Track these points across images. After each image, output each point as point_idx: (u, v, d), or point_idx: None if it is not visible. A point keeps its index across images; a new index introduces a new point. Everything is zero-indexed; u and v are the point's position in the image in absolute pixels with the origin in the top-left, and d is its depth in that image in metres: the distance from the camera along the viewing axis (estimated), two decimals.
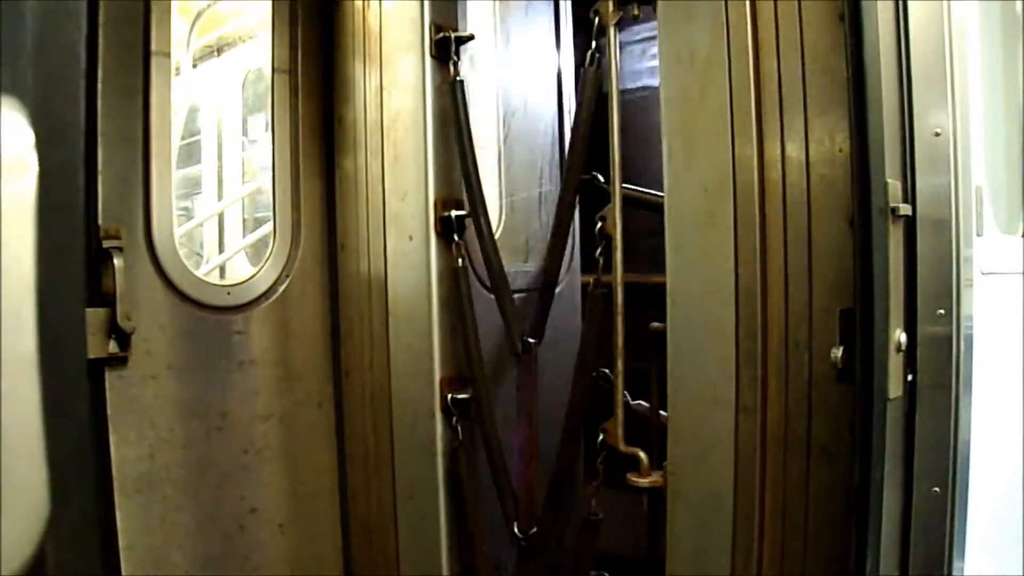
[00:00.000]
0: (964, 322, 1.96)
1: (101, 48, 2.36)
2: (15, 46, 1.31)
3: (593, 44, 2.54)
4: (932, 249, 1.93)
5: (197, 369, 2.76)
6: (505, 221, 3.24)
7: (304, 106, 3.05)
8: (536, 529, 2.80)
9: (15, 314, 1.02)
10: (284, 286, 3.01)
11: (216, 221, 5.97)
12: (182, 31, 5.52)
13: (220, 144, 5.93)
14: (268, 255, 3.06)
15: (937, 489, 1.93)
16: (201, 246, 6.04)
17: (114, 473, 2.47)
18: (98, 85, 2.38)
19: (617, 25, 2.50)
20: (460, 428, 2.78)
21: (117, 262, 2.34)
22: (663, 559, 2.30)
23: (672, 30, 2.25)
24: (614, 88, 2.49)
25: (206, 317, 2.79)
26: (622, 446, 2.53)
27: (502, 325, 2.87)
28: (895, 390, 1.88)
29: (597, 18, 2.52)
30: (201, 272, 3.71)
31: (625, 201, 2.52)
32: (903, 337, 1.88)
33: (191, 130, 6.04)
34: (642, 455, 2.49)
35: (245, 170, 6.00)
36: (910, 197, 1.92)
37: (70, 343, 1.58)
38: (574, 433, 2.74)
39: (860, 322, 1.91)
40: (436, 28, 2.76)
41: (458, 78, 2.76)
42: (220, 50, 5.91)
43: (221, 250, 5.85)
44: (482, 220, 2.77)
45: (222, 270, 5.66)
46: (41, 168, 1.04)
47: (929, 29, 1.96)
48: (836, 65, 2.01)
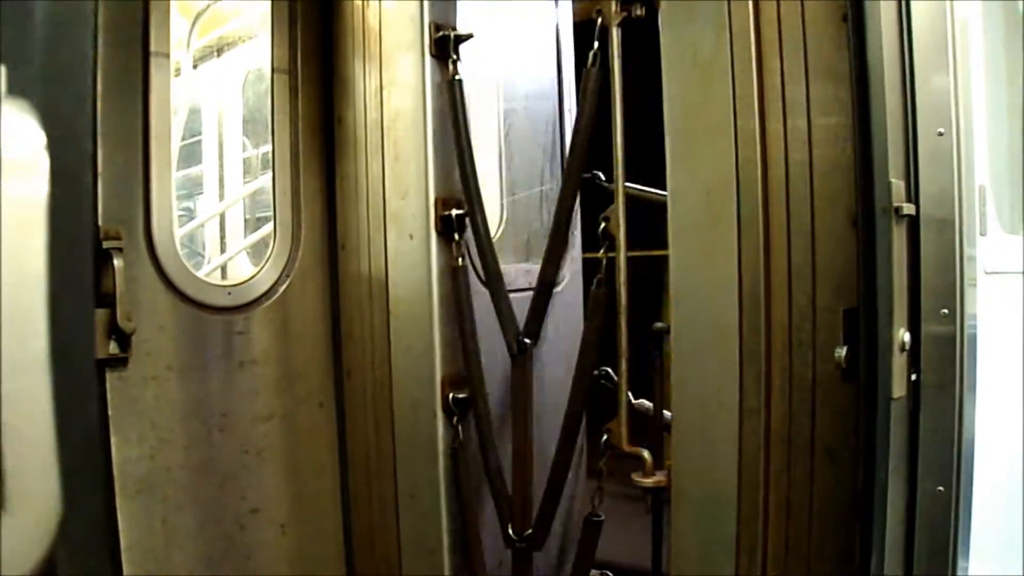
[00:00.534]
0: (968, 321, 1.95)
1: (101, 49, 2.33)
2: (24, 49, 1.31)
3: (596, 44, 2.53)
4: (936, 249, 1.93)
5: (198, 369, 2.76)
6: (506, 219, 3.24)
7: (304, 106, 3.05)
8: (531, 531, 2.79)
9: (28, 316, 1.02)
10: (285, 286, 3.01)
11: (218, 221, 5.97)
12: (182, 31, 5.50)
13: (221, 144, 5.92)
14: (268, 255, 3.05)
15: (941, 488, 1.93)
16: (203, 246, 6.04)
17: (115, 474, 2.45)
18: (98, 86, 2.34)
19: (620, 25, 2.49)
20: (461, 427, 2.78)
21: (117, 263, 2.33)
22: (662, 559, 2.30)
23: (675, 30, 2.25)
24: (617, 88, 2.49)
25: (207, 317, 2.78)
26: (626, 446, 2.52)
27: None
28: (899, 390, 1.88)
29: (600, 18, 2.51)
30: (203, 272, 3.70)
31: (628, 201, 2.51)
32: (907, 337, 1.88)
33: (192, 130, 6.03)
34: (646, 455, 2.49)
35: (247, 170, 6.00)
36: (913, 197, 1.92)
37: (79, 344, 1.58)
38: (572, 434, 2.73)
39: (864, 322, 1.91)
40: (436, 27, 2.75)
41: (457, 77, 2.76)
42: (220, 50, 5.90)
43: (223, 250, 5.85)
44: (479, 218, 2.77)
45: (224, 270, 5.66)
46: (51, 170, 1.03)
47: (932, 28, 1.96)
48: (839, 65, 2.00)
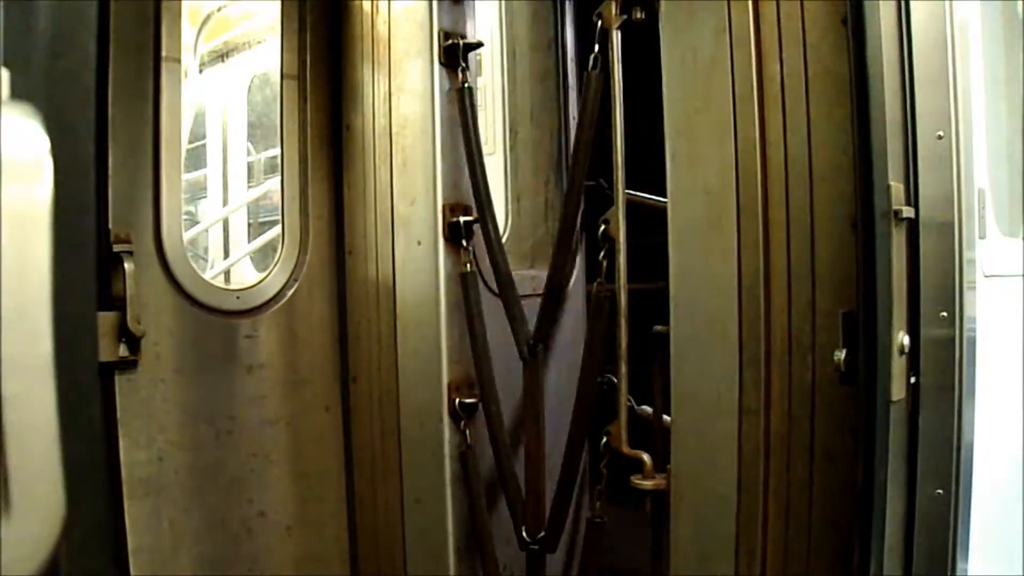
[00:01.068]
0: (967, 324, 1.95)
1: (112, 53, 2.36)
2: (28, 52, 1.33)
3: (596, 48, 2.55)
4: (935, 251, 1.93)
5: (205, 373, 2.78)
6: (512, 226, 3.25)
7: (313, 112, 3.07)
8: (544, 533, 2.81)
9: (33, 319, 1.03)
10: (292, 291, 3.02)
11: (221, 226, 5.99)
12: (189, 36, 5.54)
13: (225, 149, 5.95)
14: (276, 260, 3.07)
15: (940, 491, 1.93)
16: (206, 251, 6.06)
17: (123, 476, 2.48)
18: (109, 90, 2.38)
19: (620, 28, 2.51)
20: (468, 432, 2.79)
21: (127, 266, 2.36)
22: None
23: (675, 32, 2.26)
24: (618, 92, 2.50)
25: (215, 321, 2.80)
26: (626, 449, 2.53)
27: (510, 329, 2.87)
28: (898, 392, 1.88)
29: (600, 21, 2.53)
30: (207, 277, 3.72)
31: (628, 205, 2.53)
32: (906, 339, 1.88)
33: (196, 135, 6.06)
34: (646, 458, 2.49)
35: (250, 174, 6.03)
36: (913, 200, 1.92)
37: (82, 347, 1.60)
38: (579, 437, 2.74)
39: (863, 324, 1.91)
40: (445, 34, 2.77)
41: (466, 84, 2.78)
42: (226, 55, 5.94)
43: (226, 255, 5.88)
44: (490, 225, 2.79)
45: (227, 275, 5.68)
46: (55, 172, 1.05)
47: (931, 31, 1.96)
48: (838, 67, 2.01)
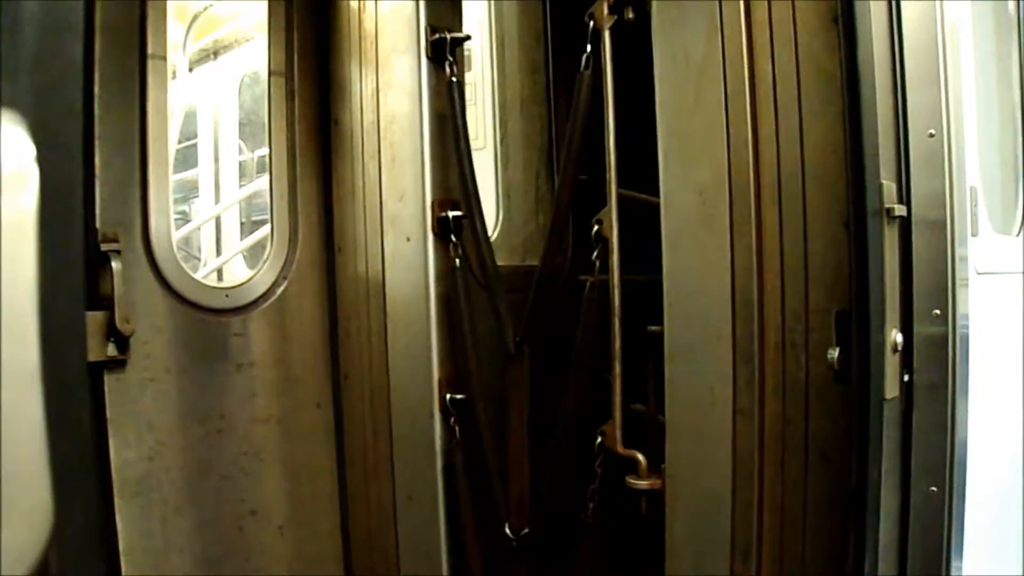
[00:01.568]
0: (960, 322, 1.96)
1: (97, 51, 2.33)
2: (15, 59, 1.32)
3: (588, 47, 2.54)
4: (927, 250, 1.94)
5: (196, 371, 2.76)
6: (502, 220, 3.25)
7: (300, 108, 3.04)
8: (527, 530, 2.80)
9: (18, 323, 1.02)
10: (282, 288, 3.01)
11: (213, 224, 5.97)
12: (178, 35, 5.51)
13: (216, 148, 5.93)
14: (266, 257, 3.05)
15: (935, 488, 1.94)
16: (199, 249, 6.04)
17: (113, 476, 2.46)
18: (95, 89, 2.36)
19: (611, 28, 2.50)
20: (459, 428, 2.78)
21: (115, 265, 2.33)
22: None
23: (667, 32, 2.26)
24: (610, 91, 2.50)
25: (204, 319, 2.78)
26: (620, 448, 2.53)
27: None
28: (892, 390, 1.89)
29: (591, 22, 2.52)
30: (199, 276, 3.70)
31: (621, 203, 2.52)
32: (899, 338, 1.89)
33: (187, 134, 6.03)
34: (640, 457, 2.49)
35: (242, 173, 6.00)
36: (905, 198, 1.92)
37: (71, 347, 1.59)
38: (567, 435, 2.74)
39: (856, 323, 1.91)
40: (432, 29, 2.76)
41: (454, 79, 2.77)
42: (216, 53, 5.91)
43: (218, 253, 5.85)
44: (477, 221, 2.78)
45: (220, 273, 5.66)
46: (41, 179, 1.04)
47: (922, 30, 1.96)
48: (830, 67, 2.01)
